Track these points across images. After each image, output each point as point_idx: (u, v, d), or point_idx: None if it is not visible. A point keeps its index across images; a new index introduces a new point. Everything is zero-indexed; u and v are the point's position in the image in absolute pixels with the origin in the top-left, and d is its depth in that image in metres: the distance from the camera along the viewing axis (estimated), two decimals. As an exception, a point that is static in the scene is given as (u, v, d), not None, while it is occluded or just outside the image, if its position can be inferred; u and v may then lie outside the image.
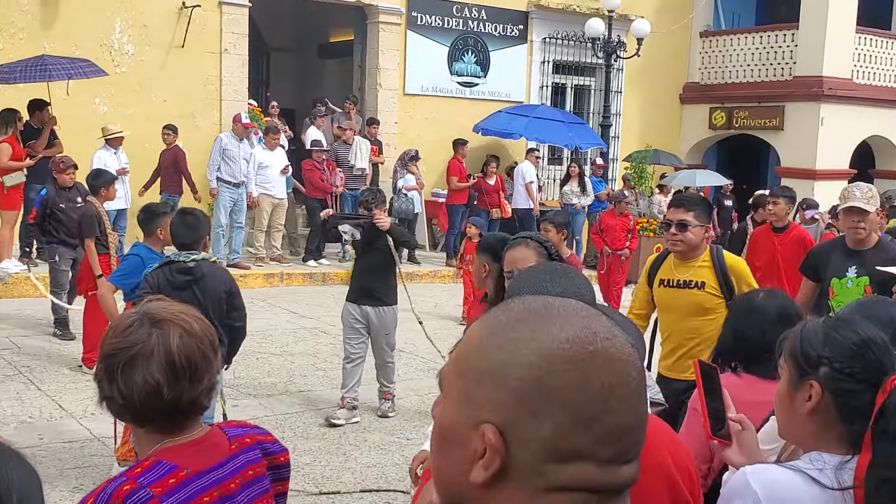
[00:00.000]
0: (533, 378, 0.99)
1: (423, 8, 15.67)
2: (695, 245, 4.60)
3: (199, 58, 13.50)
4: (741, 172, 19.34)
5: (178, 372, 1.82)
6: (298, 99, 18.59)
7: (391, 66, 15.48)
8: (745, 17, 20.01)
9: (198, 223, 5.14)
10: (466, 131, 15.48)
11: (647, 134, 18.22)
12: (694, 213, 4.59)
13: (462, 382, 1.04)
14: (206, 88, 13.68)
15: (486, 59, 16.56)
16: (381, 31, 15.31)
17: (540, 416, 0.99)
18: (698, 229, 4.60)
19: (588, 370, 0.99)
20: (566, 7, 16.96)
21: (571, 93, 18.11)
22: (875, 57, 18.36)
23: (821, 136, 17.21)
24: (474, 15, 16.29)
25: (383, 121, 15.15)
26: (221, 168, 12.17)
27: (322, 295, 11.71)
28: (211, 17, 13.58)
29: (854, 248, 5.17)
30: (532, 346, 1.01)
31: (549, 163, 17.50)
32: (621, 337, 1.05)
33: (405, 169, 14.00)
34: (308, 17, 17.40)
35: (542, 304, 1.06)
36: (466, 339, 1.08)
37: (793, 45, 17.74)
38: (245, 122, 12.41)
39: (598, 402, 0.99)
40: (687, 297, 4.64)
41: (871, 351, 1.96)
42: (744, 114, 18.32)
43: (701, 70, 19.30)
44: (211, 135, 13.00)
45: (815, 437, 1.98)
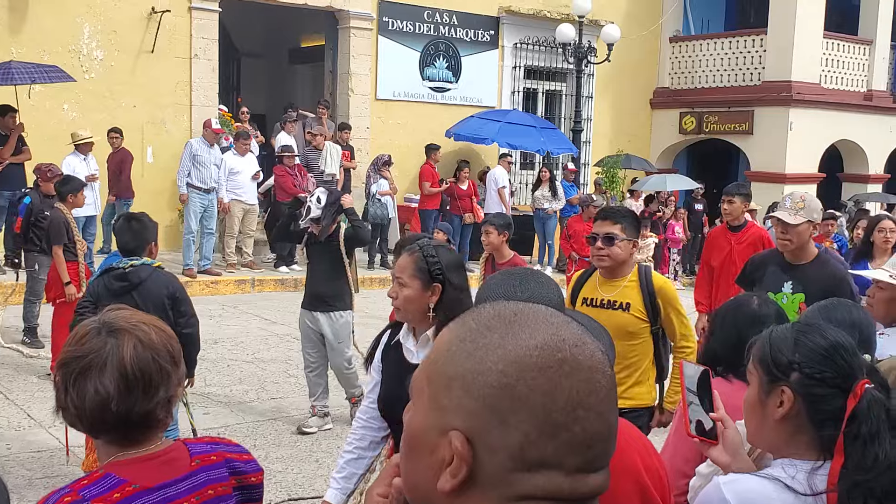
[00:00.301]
0: (501, 385, 0.98)
1: (394, 13, 15.67)
2: (621, 261, 4.23)
3: (168, 63, 13.41)
4: (712, 176, 19.48)
5: (130, 383, 1.76)
6: (269, 104, 18.54)
7: (363, 71, 15.46)
8: (714, 23, 20.20)
9: (142, 228, 5.02)
10: (438, 136, 15.49)
11: (619, 139, 18.32)
12: (621, 225, 4.20)
13: (431, 389, 1.04)
14: (176, 94, 13.59)
15: (458, 64, 16.58)
16: (353, 37, 15.29)
17: (508, 424, 0.98)
18: (626, 244, 4.21)
19: (557, 378, 0.99)
20: (537, 13, 17.02)
21: (543, 98, 18.18)
22: (842, 62, 18.59)
23: (790, 140, 17.39)
24: (445, 20, 16.31)
25: (355, 126, 15.12)
26: (192, 174, 12.08)
27: (294, 301, 11.57)
28: (181, 23, 13.50)
29: (791, 262, 4.83)
30: (500, 354, 1.00)
31: (522, 168, 17.55)
32: (591, 344, 1.04)
33: (378, 174, 13.98)
34: (279, 22, 17.35)
35: (511, 311, 1.05)
36: (436, 346, 1.08)
37: (762, 50, 17.92)
38: (215, 127, 12.33)
39: (567, 410, 0.98)
40: (610, 318, 4.16)
41: (841, 356, 1.97)
42: (714, 118, 18.47)
43: (671, 75, 19.44)
44: (181, 140, 12.91)
45: (786, 443, 1.98)
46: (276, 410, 7.23)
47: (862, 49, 18.84)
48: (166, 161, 12.94)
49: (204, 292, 11.57)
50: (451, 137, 15.70)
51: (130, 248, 4.99)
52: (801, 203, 4.70)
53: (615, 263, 4.23)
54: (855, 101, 18.59)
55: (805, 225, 4.69)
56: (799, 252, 4.77)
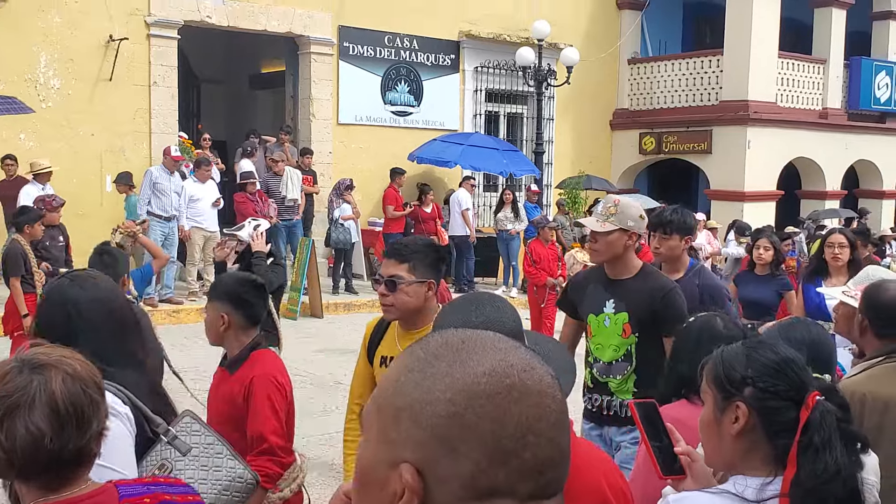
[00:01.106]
0: (450, 414, 0.98)
1: (354, 38, 15.70)
2: (412, 308, 3.34)
3: (127, 91, 13.32)
4: (672, 196, 19.65)
5: (62, 419, 1.69)
6: (230, 130, 18.47)
7: (324, 96, 15.46)
8: (671, 45, 20.46)
9: (114, 262, 5.02)
10: (401, 160, 15.50)
11: (580, 160, 18.46)
12: (409, 265, 3.31)
13: (380, 422, 1.03)
14: (135, 121, 13.49)
15: (419, 88, 16.64)
16: (313, 62, 15.29)
17: (458, 454, 0.97)
18: (416, 288, 3.30)
19: (505, 404, 0.98)
20: (496, 36, 17.15)
21: (504, 120, 18.28)
22: (797, 81, 18.91)
23: (748, 158, 17.62)
24: (406, 45, 16.38)
25: (318, 151, 15.09)
26: (152, 202, 11.97)
27: (258, 328, 11.54)
28: (139, 50, 13.42)
29: (612, 278, 4.23)
30: (448, 382, 0.99)
31: (485, 190, 17.61)
32: (540, 368, 1.04)
33: (340, 198, 13.95)
34: (238, 49, 17.32)
35: (459, 339, 1.05)
36: (385, 377, 1.06)
37: (718, 70, 18.18)
38: (175, 154, 12.25)
39: (517, 436, 0.98)
40: None
41: (792, 369, 2.02)
42: (673, 138, 18.67)
43: (630, 96, 19.65)
44: (141, 168, 12.80)
45: (742, 459, 2.01)
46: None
47: (816, 68, 19.19)
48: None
49: (166, 321, 11.43)
50: (414, 161, 15.73)
51: None
52: (614, 209, 4.14)
53: (404, 313, 3.35)
54: (810, 119, 18.90)
55: (617, 234, 4.10)
56: (617, 266, 4.19)
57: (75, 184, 12.22)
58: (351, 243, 13.94)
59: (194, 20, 13.86)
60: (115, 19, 13.13)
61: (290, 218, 13.47)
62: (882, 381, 3.15)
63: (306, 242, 12.89)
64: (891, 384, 3.16)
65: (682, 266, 4.73)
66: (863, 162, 20.15)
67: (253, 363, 3.43)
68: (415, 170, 15.98)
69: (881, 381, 3.16)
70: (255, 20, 14.49)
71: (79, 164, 12.35)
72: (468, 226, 14.90)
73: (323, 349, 10.59)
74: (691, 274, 4.69)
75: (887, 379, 3.16)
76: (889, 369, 3.19)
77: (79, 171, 12.32)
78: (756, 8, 17.39)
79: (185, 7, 13.75)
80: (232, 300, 3.47)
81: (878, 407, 3.11)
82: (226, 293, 3.51)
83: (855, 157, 19.85)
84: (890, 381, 3.16)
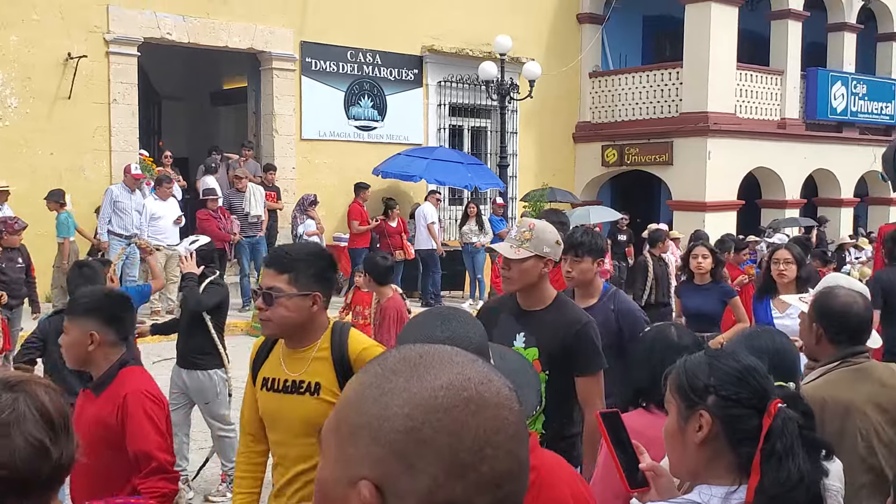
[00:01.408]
0: (407, 430, 0.98)
1: (316, 54, 15.69)
2: (294, 324, 2.99)
3: (86, 109, 13.18)
4: (635, 207, 19.85)
5: (56, 428, 1.69)
6: (192, 147, 18.33)
7: (287, 111, 15.41)
8: (631, 58, 20.67)
9: (94, 275, 5.22)
10: (366, 175, 15.48)
11: (544, 172, 18.55)
12: (289, 275, 2.97)
13: (338, 439, 1.03)
14: (95, 140, 13.34)
15: (383, 102, 16.65)
16: (276, 78, 15.24)
17: (416, 469, 0.97)
18: (297, 301, 2.95)
19: (463, 417, 0.98)
20: (459, 51, 17.21)
21: (468, 134, 18.34)
22: (756, 92, 19.17)
23: (709, 169, 17.81)
24: (369, 60, 16.38)
25: (281, 166, 15.03)
26: (113, 221, 11.85)
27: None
28: (98, 68, 13.29)
29: (525, 309, 3.80)
30: (405, 397, 0.99)
31: (450, 203, 17.63)
32: (497, 381, 1.04)
33: (304, 214, 13.90)
34: (199, 65, 17.21)
35: (417, 354, 1.05)
36: (343, 395, 1.07)
37: (678, 83, 18.39)
38: (135, 172, 12.14)
39: (474, 449, 0.98)
40: (295, 409, 3.02)
41: (754, 377, 2.04)
42: (634, 150, 18.83)
43: (592, 109, 19.80)
44: (101, 187, 12.66)
45: (706, 468, 2.03)
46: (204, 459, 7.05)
47: (774, 79, 19.47)
48: (86, 208, 12.66)
49: (128, 341, 11.29)
50: (379, 175, 15.72)
51: None
52: (528, 233, 3.70)
53: (284, 329, 3.02)
54: (769, 130, 19.16)
55: (533, 261, 3.68)
56: (531, 295, 3.75)
57: (34, 203, 12.05)
58: (316, 259, 13.87)
59: (154, 37, 13.77)
60: (74, 37, 13.00)
61: (253, 234, 13.39)
62: (840, 386, 3.21)
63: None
64: (849, 388, 3.21)
65: (596, 291, 4.47)
66: (821, 171, 20.45)
67: (122, 381, 3.22)
68: (380, 184, 15.97)
69: (839, 385, 3.21)
70: (216, 36, 14.43)
71: (38, 184, 12.18)
72: (434, 239, 14.90)
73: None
74: (606, 298, 4.45)
75: (845, 383, 3.22)
76: (846, 373, 3.25)
77: (38, 190, 12.14)
78: (714, 21, 17.64)
79: (145, 24, 13.66)
80: (101, 316, 3.24)
81: (839, 411, 3.16)
82: (93, 309, 3.26)
83: (813, 167, 20.15)
84: (848, 385, 3.22)
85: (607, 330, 4.16)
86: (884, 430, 3.22)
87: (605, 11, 19.56)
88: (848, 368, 3.26)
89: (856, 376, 3.25)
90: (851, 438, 3.17)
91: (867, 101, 21.03)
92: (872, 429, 3.20)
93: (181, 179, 14.38)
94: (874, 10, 21.68)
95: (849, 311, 3.27)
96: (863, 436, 3.19)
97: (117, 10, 13.38)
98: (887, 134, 21.20)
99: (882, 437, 3.22)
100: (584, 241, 4.41)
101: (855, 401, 3.19)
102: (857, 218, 22.58)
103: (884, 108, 21.45)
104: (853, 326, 3.28)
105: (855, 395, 3.20)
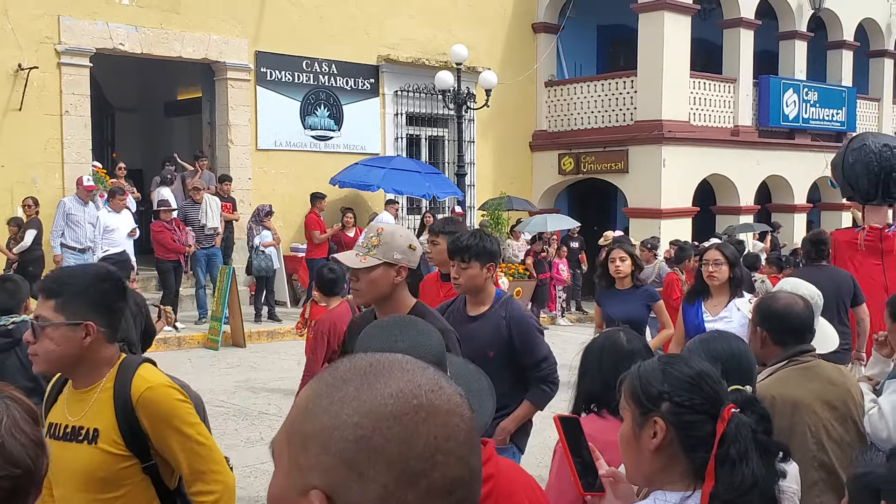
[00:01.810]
0: (357, 438, 0.97)
1: (271, 64, 15.60)
2: (62, 360, 2.54)
3: (38, 120, 12.97)
4: (592, 214, 19.99)
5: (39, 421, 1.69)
6: (146, 158, 18.16)
7: (242, 122, 15.30)
8: (586, 67, 20.84)
9: (17, 288, 5.11)
10: (323, 184, 15.42)
11: (501, 181, 18.62)
12: (56, 302, 2.52)
13: (290, 450, 1.02)
14: (47, 152, 13.14)
15: (340, 112, 16.60)
16: (230, 88, 15.13)
17: (366, 477, 0.97)
18: (66, 331, 2.51)
19: (413, 425, 0.98)
20: (415, 60, 17.23)
21: (426, 143, 18.35)
22: (709, 100, 19.41)
23: (664, 176, 17.99)
24: (325, 69, 16.33)
25: (237, 177, 14.92)
26: (65, 234, 11.67)
27: (178, 360, 11.28)
28: (49, 79, 13.10)
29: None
30: (355, 406, 0.99)
31: (409, 213, 17.62)
32: (448, 388, 1.04)
33: (260, 225, 13.80)
34: (153, 76, 17.05)
35: (367, 362, 1.05)
36: (295, 405, 1.06)
37: (633, 91, 18.56)
38: (88, 184, 11.98)
39: (425, 457, 0.97)
40: (74, 457, 2.58)
41: (707, 382, 2.05)
42: (591, 158, 18.97)
43: (548, 118, 19.92)
44: (53, 200, 12.47)
45: (662, 474, 2.04)
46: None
47: (727, 87, 19.73)
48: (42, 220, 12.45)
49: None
50: (337, 185, 15.66)
51: (8, 308, 5.06)
52: (376, 239, 3.40)
53: (52, 366, 2.59)
54: (723, 137, 19.40)
55: (382, 269, 3.38)
56: (386, 307, 3.44)
57: (-16, 217, 11.84)
58: (272, 270, 13.79)
59: (106, 48, 13.60)
60: (25, 48, 12.81)
61: (209, 246, 13.28)
62: (789, 383, 3.29)
63: (226, 270, 12.71)
64: (798, 386, 3.30)
65: (488, 297, 4.28)
66: (774, 177, 20.76)
67: None
68: (338, 194, 15.91)
69: (788, 383, 3.30)
70: (170, 47, 14.29)
71: (-12, 197, 11.97)
72: (392, 249, 14.85)
73: (246, 379, 10.41)
74: (497, 306, 4.28)
75: (794, 381, 3.31)
76: (794, 371, 3.34)
77: (-12, 203, 11.95)
78: (667, 30, 17.85)
79: (97, 35, 13.49)
80: None
81: (788, 408, 3.25)
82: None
83: (766, 173, 20.44)
84: (796, 383, 3.31)
85: (498, 337, 4.14)
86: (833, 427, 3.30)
87: (559, 21, 19.70)
88: (796, 367, 3.36)
89: (804, 374, 3.35)
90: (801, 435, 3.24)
91: (818, 108, 21.38)
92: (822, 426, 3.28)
93: (135, 191, 14.22)
94: (824, 19, 22.09)
95: (790, 313, 3.38)
96: (812, 432, 3.26)
97: (69, 20, 13.21)
98: (838, 140, 21.57)
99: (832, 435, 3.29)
100: (471, 244, 4.19)
101: (803, 398, 3.28)
102: (811, 223, 22.95)
103: (835, 114, 21.83)
104: (796, 327, 3.39)
105: (804, 392, 3.29)
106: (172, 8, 14.24)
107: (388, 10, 16.92)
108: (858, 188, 6.32)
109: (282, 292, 14.70)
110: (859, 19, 22.76)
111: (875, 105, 23.86)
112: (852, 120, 22.20)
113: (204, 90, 15.94)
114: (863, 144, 6.32)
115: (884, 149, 6.17)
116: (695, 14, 18.73)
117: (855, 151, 6.31)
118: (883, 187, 6.25)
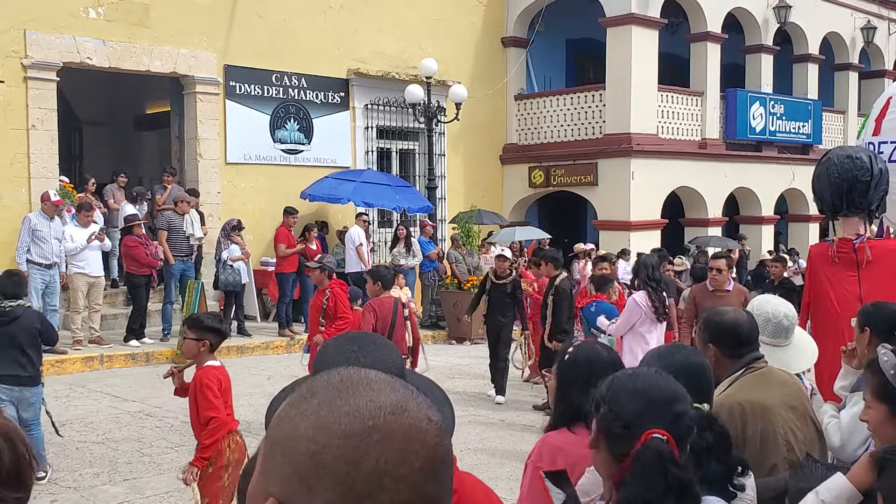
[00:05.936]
0: (309, 453, 0.98)
1: (240, 77, 15.56)
2: None
3: (4, 135, 12.85)
4: (562, 227, 20.08)
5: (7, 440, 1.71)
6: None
7: (211, 135, 15.23)
8: (556, 81, 20.97)
9: (21, 280, 7.13)
10: (293, 198, 15.37)
11: (472, 194, 18.67)
12: None
13: (263, 451, 1.04)
14: (14, 166, 13.00)
15: (310, 126, 16.58)
16: (199, 102, 15.06)
17: (314, 492, 0.97)
18: None
19: (363, 446, 0.97)
20: (385, 74, 17.25)
21: (397, 157, 18.36)
22: (677, 113, 19.59)
23: (633, 189, 18.12)
24: (294, 83, 16.31)
25: (205, 191, 14.84)
26: (31, 249, 11.54)
27: (146, 375, 11.20)
28: (16, 93, 12.98)
29: None
30: (313, 420, 0.99)
31: (380, 226, 17.61)
32: (414, 412, 1.01)
33: (228, 239, 13.72)
34: (121, 90, 16.95)
35: (339, 378, 1.04)
36: (278, 410, 1.07)
37: (601, 105, 18.69)
38: (54, 199, 11.85)
39: (372, 479, 0.96)
40: None
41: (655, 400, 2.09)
42: (560, 171, 19.06)
43: (518, 131, 20.00)
44: (20, 215, 12.33)
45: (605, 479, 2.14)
46: (129, 492, 6.89)
47: (694, 100, 19.93)
48: (4, 236, 12.33)
49: (49, 372, 10.93)
50: (307, 199, 15.62)
51: (13, 294, 6.86)
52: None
53: None
54: (691, 150, 19.58)
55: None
56: None
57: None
58: (241, 284, 13.71)
59: (74, 62, 13.50)
60: (-11, 61, 12.69)
61: (188, 257, 13.29)
62: (753, 390, 3.36)
63: (195, 285, 12.62)
64: (761, 391, 3.37)
65: None
66: (742, 189, 20.96)
67: None
68: (308, 208, 15.87)
69: (752, 389, 3.36)
70: (138, 61, 14.21)
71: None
72: (363, 261, 14.85)
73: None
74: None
75: (756, 387, 3.38)
76: (753, 378, 3.42)
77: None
78: (635, 44, 18.01)
79: (64, 49, 13.39)
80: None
81: (758, 413, 3.31)
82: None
83: (734, 185, 20.63)
84: (760, 389, 3.38)
85: None
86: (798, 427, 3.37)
87: (529, 35, 19.82)
88: (753, 374, 3.43)
89: (762, 380, 3.43)
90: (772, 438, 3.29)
91: (785, 120, 21.63)
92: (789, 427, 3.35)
93: (103, 206, 14.08)
94: (789, 33, 22.38)
95: (739, 325, 3.46)
96: (781, 434, 3.33)
97: (35, 34, 13.10)
98: (805, 153, 21.86)
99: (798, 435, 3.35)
100: None
101: (769, 402, 3.34)
102: (779, 234, 23.19)
103: (801, 127, 22.09)
104: (745, 337, 3.46)
105: (768, 396, 3.36)
106: (140, 22, 14.17)
107: (358, 23, 16.94)
108: (825, 200, 6.36)
109: (251, 307, 14.61)
110: (824, 33, 23.10)
111: (840, 117, 24.19)
112: (818, 132, 22.50)
113: (173, 104, 15.85)
114: (827, 158, 6.37)
115: (846, 160, 6.20)
116: (662, 28, 18.91)
117: (821, 165, 6.36)
118: (847, 198, 6.27)
